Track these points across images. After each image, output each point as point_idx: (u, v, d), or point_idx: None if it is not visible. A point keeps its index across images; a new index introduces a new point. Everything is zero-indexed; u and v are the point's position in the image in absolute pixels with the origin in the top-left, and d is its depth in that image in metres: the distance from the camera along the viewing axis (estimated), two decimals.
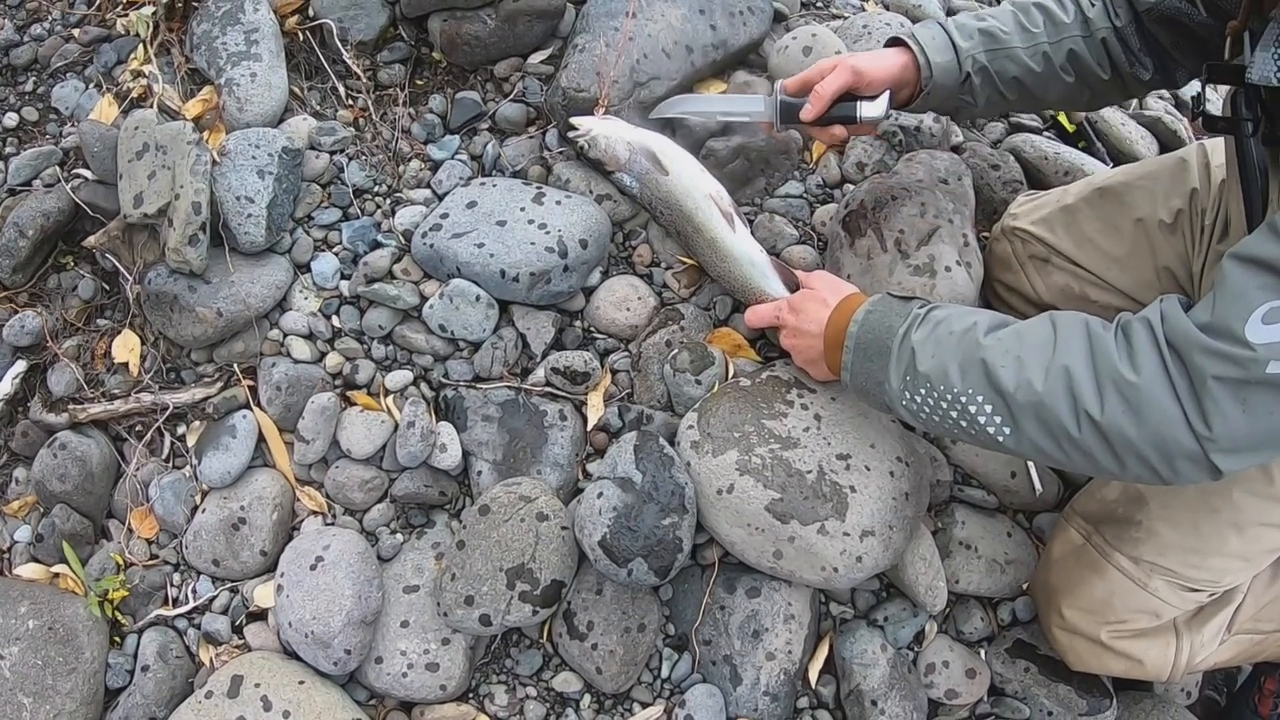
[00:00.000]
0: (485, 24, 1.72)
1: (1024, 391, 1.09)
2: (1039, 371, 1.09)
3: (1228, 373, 0.99)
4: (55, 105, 1.79)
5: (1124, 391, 1.04)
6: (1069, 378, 1.07)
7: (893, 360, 1.22)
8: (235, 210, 1.55)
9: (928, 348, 1.18)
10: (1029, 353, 1.11)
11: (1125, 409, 1.04)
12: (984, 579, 1.61)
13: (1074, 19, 1.45)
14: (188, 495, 1.56)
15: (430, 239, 1.56)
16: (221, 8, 1.73)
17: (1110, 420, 1.05)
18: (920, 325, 1.21)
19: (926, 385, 1.18)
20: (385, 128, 1.75)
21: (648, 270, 1.68)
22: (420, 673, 1.44)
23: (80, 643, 1.48)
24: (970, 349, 1.15)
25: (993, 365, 1.12)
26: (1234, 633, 1.52)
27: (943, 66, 1.45)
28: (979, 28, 1.47)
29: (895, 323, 1.23)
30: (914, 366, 1.19)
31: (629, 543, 1.38)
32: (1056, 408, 1.08)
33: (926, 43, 1.46)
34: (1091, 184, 1.64)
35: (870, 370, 1.25)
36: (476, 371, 1.58)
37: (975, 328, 1.17)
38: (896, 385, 1.22)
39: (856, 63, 1.43)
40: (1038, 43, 1.45)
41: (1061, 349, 1.09)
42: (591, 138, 1.60)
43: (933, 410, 1.19)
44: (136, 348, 1.63)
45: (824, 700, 1.57)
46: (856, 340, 1.27)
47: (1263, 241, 1.02)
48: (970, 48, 1.45)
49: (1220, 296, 1.02)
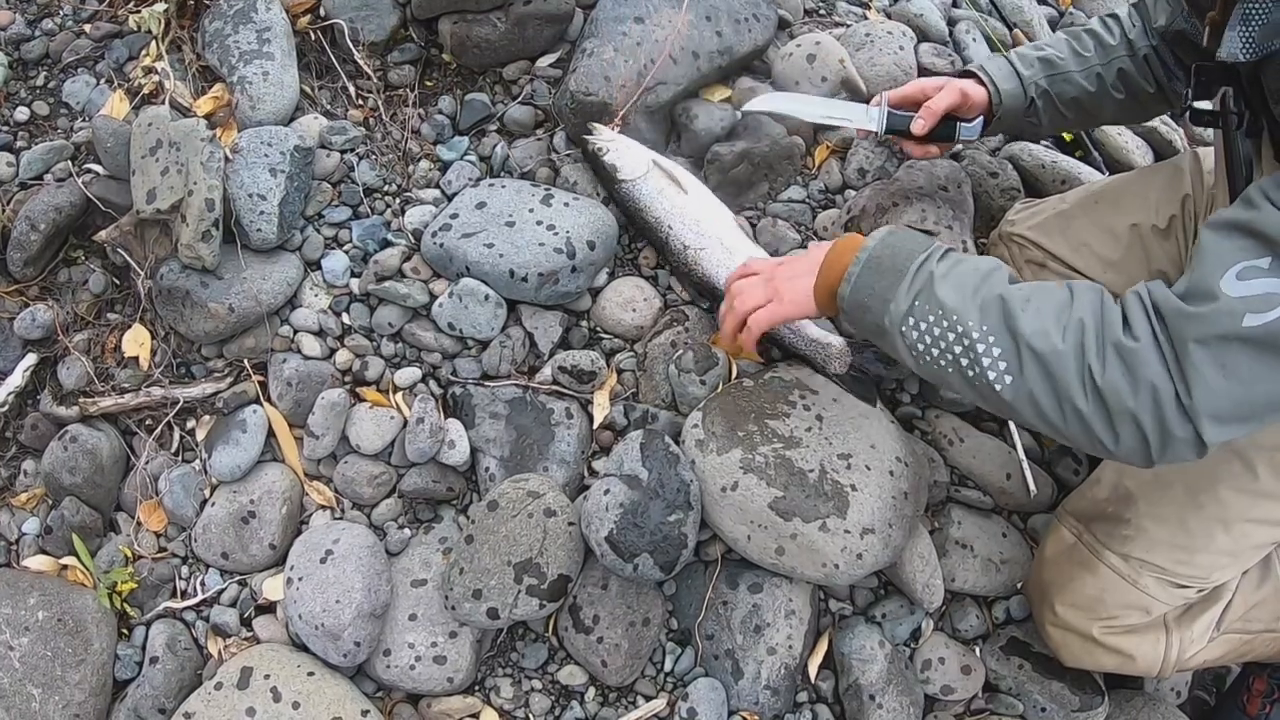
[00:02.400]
0: (495, 27, 1.74)
1: (1039, 339, 1.08)
2: (1055, 323, 1.08)
3: (1205, 332, 1.00)
4: (66, 100, 1.79)
5: (1123, 354, 1.05)
6: (1082, 332, 1.07)
7: (906, 281, 1.18)
8: (247, 207, 1.56)
9: (950, 278, 1.15)
10: (1048, 305, 1.10)
11: (1124, 372, 1.05)
12: (980, 578, 1.64)
13: (1119, 40, 1.58)
14: (197, 489, 1.58)
15: (440, 238, 1.58)
16: (234, 6, 1.74)
17: (1109, 382, 1.05)
18: (943, 258, 1.19)
19: (938, 313, 1.14)
20: (395, 128, 1.77)
21: (653, 272, 1.70)
22: (428, 665, 1.47)
23: (89, 634, 1.49)
24: (993, 286, 1.13)
25: (1012, 306, 1.10)
26: (1223, 631, 1.55)
27: (1010, 93, 1.58)
28: (1038, 56, 1.61)
29: (916, 249, 1.20)
30: (931, 290, 1.15)
31: (635, 538, 1.40)
32: (1065, 362, 1.07)
33: (994, 72, 1.59)
34: (1088, 191, 1.68)
35: (878, 286, 1.20)
36: (485, 369, 1.60)
37: (999, 269, 1.17)
38: (904, 307, 1.17)
39: (962, 85, 1.56)
40: (1090, 65, 1.59)
41: (1078, 306, 1.10)
42: (611, 144, 1.63)
43: (934, 342, 1.16)
44: (147, 342, 1.64)
45: (823, 695, 1.60)
46: (871, 254, 1.22)
47: (1236, 209, 1.05)
48: (1032, 75, 1.59)
49: (1197, 262, 1.04)
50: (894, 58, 1.85)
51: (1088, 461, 1.75)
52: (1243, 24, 1.01)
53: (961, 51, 1.97)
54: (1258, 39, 1.00)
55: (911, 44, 1.91)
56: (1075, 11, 2.38)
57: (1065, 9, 2.40)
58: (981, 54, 1.97)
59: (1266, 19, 0.99)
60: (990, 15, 2.13)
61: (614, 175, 1.63)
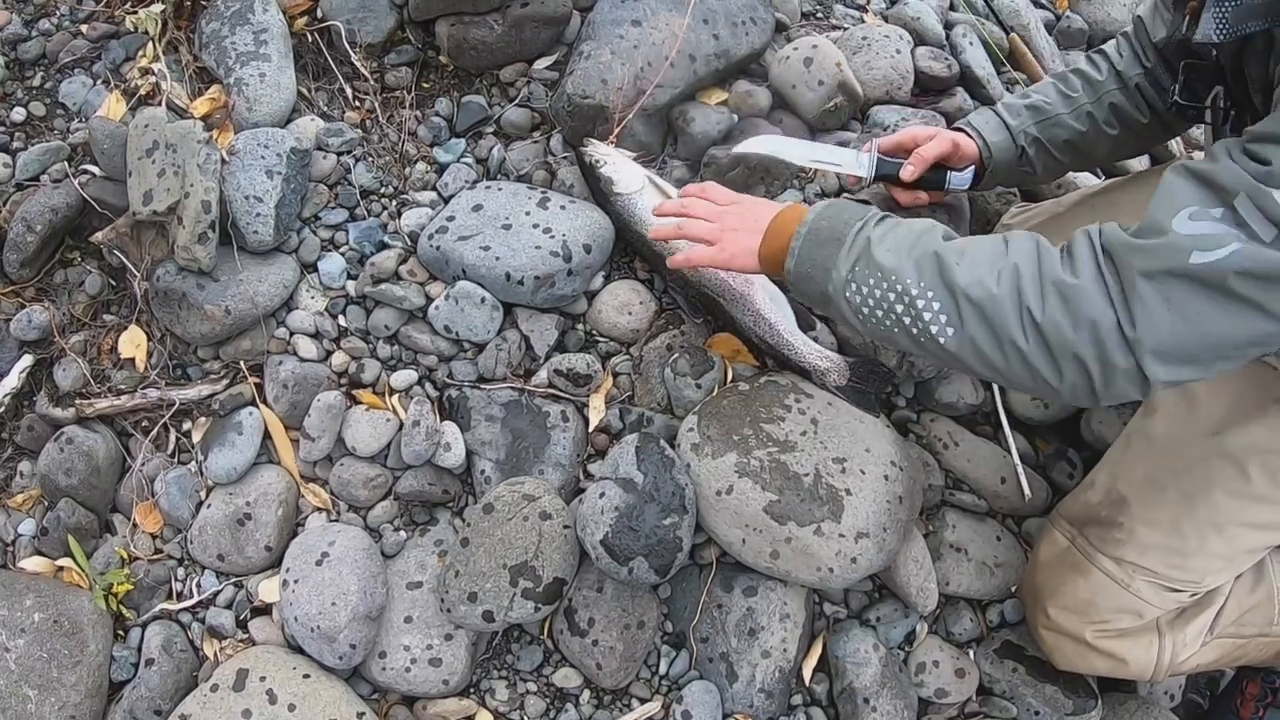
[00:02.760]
0: (492, 29, 1.74)
1: (976, 288, 1.10)
2: (990, 271, 1.10)
3: (1152, 265, 1.01)
4: (63, 101, 1.79)
5: (1063, 292, 1.06)
6: (1017, 276, 1.08)
7: (844, 248, 1.20)
8: (244, 209, 1.56)
9: (886, 241, 1.18)
10: (982, 254, 1.12)
11: (1064, 309, 1.05)
12: (974, 581, 1.65)
13: (1107, 74, 1.58)
14: (193, 490, 1.58)
15: (436, 241, 1.58)
16: (231, 7, 1.74)
17: (1049, 320, 1.06)
18: (879, 223, 1.22)
19: (877, 275, 1.17)
20: (392, 130, 1.77)
21: (649, 275, 1.70)
22: (423, 668, 1.47)
23: (85, 636, 1.50)
24: (927, 244, 1.15)
25: (947, 260, 1.12)
26: (1216, 635, 1.55)
27: (999, 145, 1.59)
28: (1025, 104, 1.61)
29: (852, 216, 1.23)
30: (869, 255, 1.18)
31: (630, 542, 1.41)
32: (1003, 306, 1.08)
33: (981, 126, 1.60)
34: (1084, 195, 1.69)
35: (820, 256, 1.23)
36: (480, 372, 1.60)
37: (933, 229, 1.19)
38: (844, 273, 1.20)
39: (953, 135, 1.58)
40: (1079, 105, 1.58)
41: (1012, 253, 1.11)
42: (607, 157, 1.63)
43: (876, 304, 1.18)
44: (143, 344, 1.64)
45: (817, 698, 1.60)
46: (810, 227, 1.25)
47: (1204, 160, 1.07)
48: (1020, 124, 1.59)
49: (1154, 201, 1.06)
50: (891, 61, 1.85)
51: (1082, 465, 1.75)
52: (1216, 5, 1.03)
53: (958, 55, 1.96)
54: (1231, 20, 1.03)
55: (908, 48, 1.91)
56: (1072, 15, 2.38)
57: (1062, 12, 2.40)
58: (978, 58, 1.97)
59: (1240, 1, 1.02)
60: (987, 19, 2.13)
61: (610, 188, 1.62)
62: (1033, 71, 2.06)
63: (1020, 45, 2.09)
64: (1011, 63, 2.08)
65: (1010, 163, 1.60)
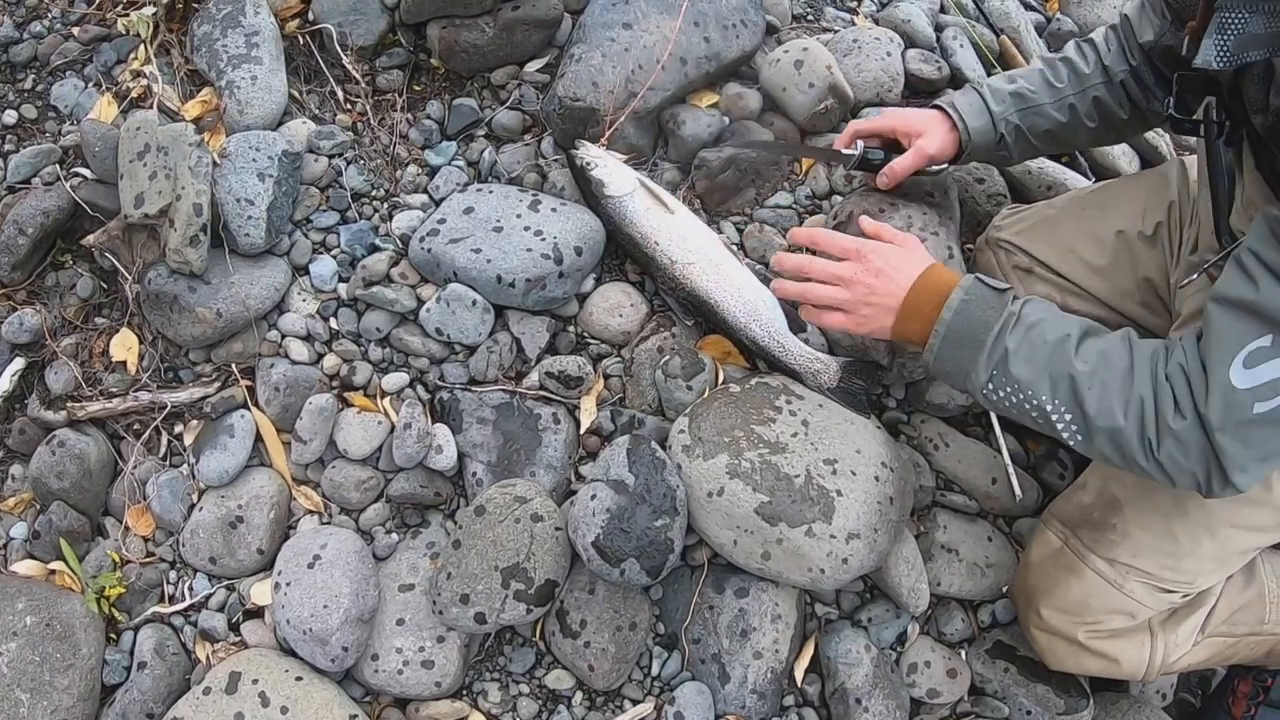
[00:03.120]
0: (483, 32, 1.75)
1: (1104, 418, 1.20)
2: (1119, 402, 1.20)
3: (1224, 422, 1.13)
4: (54, 103, 1.80)
5: (1176, 435, 1.18)
6: (1142, 409, 1.19)
7: (983, 355, 1.26)
8: (235, 212, 1.57)
9: (1022, 352, 1.24)
10: (1112, 382, 1.21)
11: (1178, 447, 1.18)
12: (965, 581, 1.65)
13: (1094, 68, 1.57)
14: (185, 493, 1.58)
15: (428, 244, 1.59)
16: (222, 10, 1.74)
17: (1166, 455, 1.19)
18: (1015, 327, 1.26)
19: (1014, 385, 1.25)
20: (383, 133, 1.77)
21: (640, 277, 1.70)
22: (416, 670, 1.47)
23: (77, 639, 1.49)
24: (1061, 364, 1.22)
25: (1080, 386, 1.21)
26: (1208, 635, 1.56)
27: (979, 129, 1.58)
28: (1010, 90, 1.60)
29: (991, 318, 1.27)
30: (1005, 367, 1.25)
31: (622, 543, 1.41)
32: (1129, 436, 1.20)
33: (964, 109, 1.59)
34: (1074, 197, 1.69)
35: (959, 359, 1.29)
36: (472, 374, 1.60)
37: (1068, 341, 1.24)
38: (983, 378, 1.27)
39: (927, 147, 1.57)
40: (1063, 96, 1.58)
41: (1137, 379, 1.20)
42: (599, 160, 1.63)
43: (1012, 405, 1.27)
44: (134, 346, 1.64)
45: (809, 698, 1.61)
46: (949, 327, 1.29)
47: (1231, 280, 1.14)
48: (1003, 110, 1.59)
49: (1207, 343, 1.16)
50: (881, 64, 1.86)
51: (1073, 467, 1.76)
52: (1218, 33, 1.03)
53: (949, 57, 1.97)
54: (1232, 48, 1.02)
55: (899, 50, 1.92)
56: (1062, 17, 2.39)
57: (1052, 14, 2.41)
58: (969, 60, 1.98)
59: (1242, 29, 1.01)
60: (977, 21, 2.14)
61: (601, 191, 1.63)
62: None
63: (1010, 47, 2.10)
64: (1002, 64, 2.09)
65: (988, 146, 1.61)
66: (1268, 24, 0.99)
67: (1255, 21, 1.00)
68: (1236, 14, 1.01)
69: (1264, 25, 1.00)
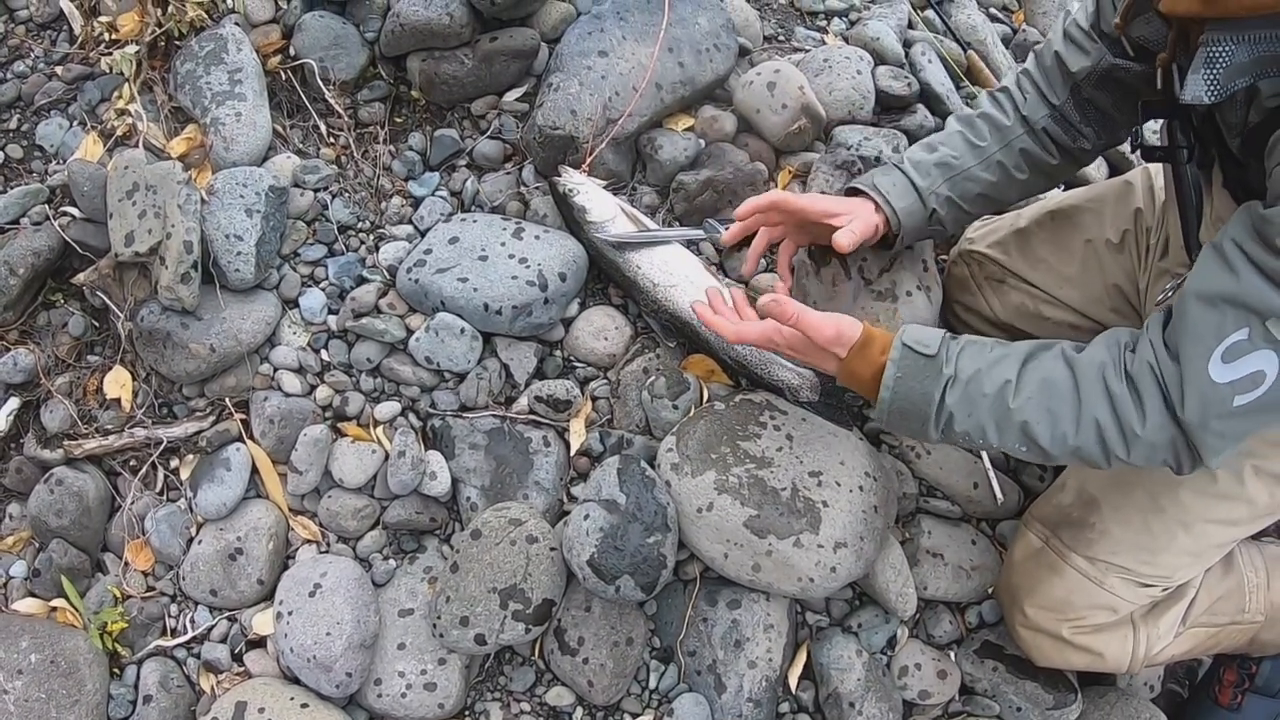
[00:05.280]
0: (462, 63, 1.77)
1: (1059, 445, 1.22)
2: (1071, 425, 1.21)
3: (1203, 416, 1.13)
4: (40, 142, 1.81)
5: (1144, 440, 1.18)
6: (1099, 429, 1.20)
7: (931, 421, 1.28)
8: (225, 248, 1.59)
9: (963, 408, 1.26)
10: (1058, 405, 1.21)
11: (1147, 449, 1.19)
12: (951, 584, 1.68)
13: (1014, 119, 1.52)
14: (183, 527, 1.60)
15: (415, 274, 1.61)
16: (205, 47, 1.76)
17: (1136, 457, 1.21)
18: (953, 387, 1.26)
19: (966, 437, 1.28)
20: (367, 165, 1.80)
21: (623, 301, 1.73)
22: (419, 692, 1.50)
23: (82, 675, 1.51)
24: (1004, 412, 1.23)
25: (1030, 424, 1.22)
26: (1189, 626, 1.60)
27: (908, 210, 1.52)
28: (934, 161, 1.53)
29: (929, 387, 1.27)
30: (952, 426, 1.27)
31: (616, 561, 1.44)
32: (1090, 452, 1.22)
33: (888, 191, 1.52)
34: (1043, 208, 1.72)
35: (909, 427, 1.32)
36: (463, 401, 1.63)
37: (1007, 387, 1.24)
38: (935, 436, 1.30)
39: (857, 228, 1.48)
40: (989, 155, 1.53)
41: (1086, 401, 1.21)
42: (580, 187, 1.66)
43: (970, 445, 1.33)
44: (128, 383, 1.66)
45: (804, 705, 1.63)
46: (890, 406, 1.29)
47: (1210, 272, 1.13)
48: (930, 184, 1.52)
49: (1183, 338, 1.15)
50: (852, 82, 1.90)
51: (1051, 469, 1.79)
52: (1206, 67, 1.03)
53: (918, 73, 2.01)
54: (1222, 81, 1.03)
55: (869, 68, 1.95)
56: (1028, 29, 2.43)
57: (1019, 26, 2.45)
58: (937, 75, 2.01)
59: (1230, 61, 1.02)
60: (945, 36, 2.18)
61: (583, 217, 1.65)
62: (990, 86, 2.11)
63: (977, 61, 2.14)
64: (970, 78, 2.13)
65: (920, 224, 1.55)
66: (1250, 51, 1.01)
67: (1240, 51, 1.01)
68: (1222, 47, 1.01)
69: (1248, 54, 1.01)
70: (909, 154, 1.57)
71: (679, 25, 1.82)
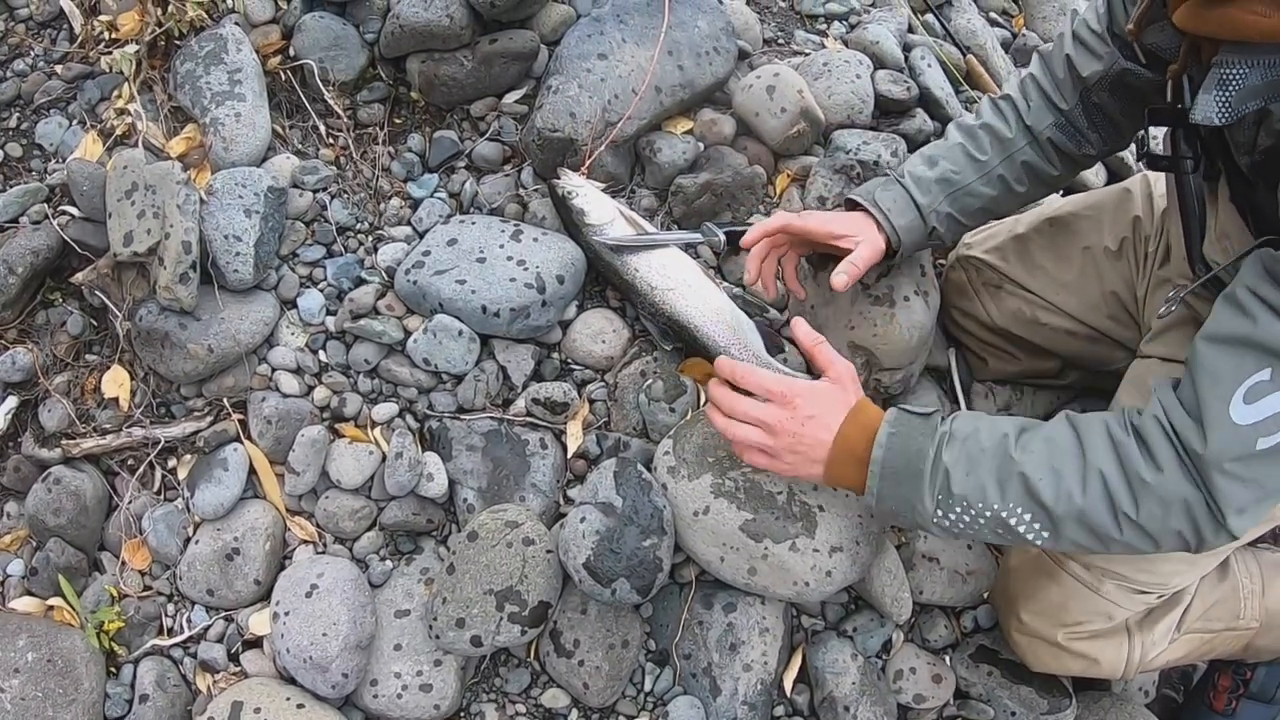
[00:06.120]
0: (462, 65, 1.78)
1: (1064, 503, 1.15)
2: (1076, 481, 1.15)
3: (1223, 460, 1.08)
4: (39, 141, 1.80)
5: (1154, 489, 1.12)
6: (1104, 483, 1.14)
7: (926, 483, 1.20)
8: (224, 249, 1.59)
9: (961, 466, 1.19)
10: (1064, 464, 1.16)
11: (1158, 503, 1.13)
12: (947, 589, 1.69)
13: (1016, 130, 1.51)
14: (180, 527, 1.60)
15: (413, 275, 1.62)
16: (205, 47, 1.75)
17: (1146, 515, 1.13)
18: (949, 444, 1.21)
19: (964, 504, 1.19)
20: (366, 166, 1.80)
21: (620, 304, 1.74)
22: (415, 694, 1.50)
23: (79, 674, 1.51)
24: (1005, 464, 1.17)
25: (1032, 479, 1.16)
26: (1184, 632, 1.60)
27: (907, 227, 1.51)
28: (934, 177, 1.51)
29: (924, 444, 1.21)
30: (949, 487, 1.19)
31: (612, 564, 1.44)
32: (1098, 513, 1.15)
33: (889, 208, 1.51)
34: (1041, 214, 1.72)
35: (901, 494, 1.23)
36: (460, 403, 1.63)
37: (1006, 440, 1.19)
38: (930, 506, 1.21)
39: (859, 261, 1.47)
40: (990, 169, 1.51)
41: (1090, 455, 1.16)
42: (580, 189, 1.66)
43: (969, 525, 1.21)
44: (126, 383, 1.66)
45: (799, 708, 1.64)
46: (883, 465, 1.23)
47: (1225, 318, 1.11)
48: (930, 201, 1.51)
49: (1202, 384, 1.11)
50: (851, 86, 1.90)
51: None
52: (1219, 89, 1.02)
53: (917, 77, 2.01)
54: (1234, 103, 1.02)
55: (868, 72, 1.96)
56: (1028, 33, 2.44)
57: (1018, 31, 2.46)
58: (937, 79, 2.02)
59: (1243, 84, 1.01)
60: (944, 40, 2.18)
61: (582, 220, 1.66)
62: (989, 90, 2.11)
63: (977, 66, 2.15)
64: (969, 82, 2.13)
65: (920, 240, 1.54)
66: (1265, 75, 1.00)
67: (1254, 75, 1.01)
68: (1236, 70, 1.01)
69: (1261, 77, 1.00)
70: (909, 167, 1.55)
71: (679, 28, 1.82)
